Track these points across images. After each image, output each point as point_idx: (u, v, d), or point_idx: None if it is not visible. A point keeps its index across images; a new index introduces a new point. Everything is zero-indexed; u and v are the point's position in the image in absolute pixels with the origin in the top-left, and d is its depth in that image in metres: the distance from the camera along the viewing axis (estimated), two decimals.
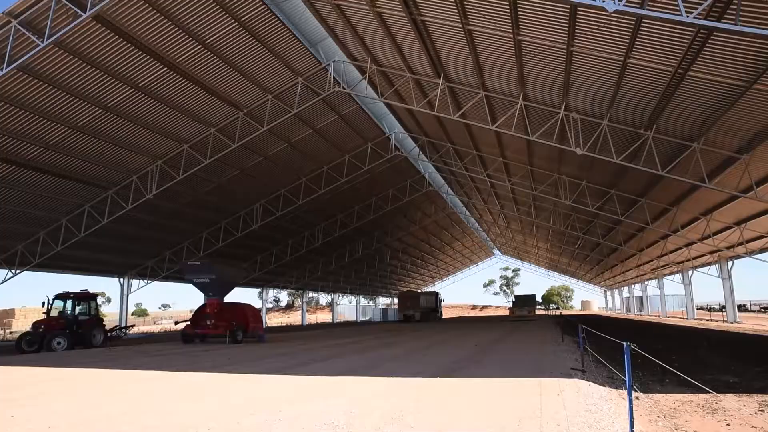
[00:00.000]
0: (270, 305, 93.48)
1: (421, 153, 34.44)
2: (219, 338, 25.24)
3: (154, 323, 75.67)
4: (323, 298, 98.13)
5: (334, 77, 22.69)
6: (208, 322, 25.56)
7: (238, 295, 70.73)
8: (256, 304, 52.24)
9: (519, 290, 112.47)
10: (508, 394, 9.22)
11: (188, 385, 11.21)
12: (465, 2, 14.74)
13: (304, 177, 32.87)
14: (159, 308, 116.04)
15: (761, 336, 24.16)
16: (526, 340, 23.49)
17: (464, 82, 20.35)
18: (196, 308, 29.49)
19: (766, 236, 29.13)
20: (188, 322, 27.22)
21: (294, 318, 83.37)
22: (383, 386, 10.47)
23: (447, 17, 15.85)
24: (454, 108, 21.43)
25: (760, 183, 19.68)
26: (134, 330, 39.66)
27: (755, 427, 7.05)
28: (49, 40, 15.25)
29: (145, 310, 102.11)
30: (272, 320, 78.62)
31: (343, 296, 76.37)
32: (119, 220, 27.04)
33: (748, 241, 29.83)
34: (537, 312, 64.13)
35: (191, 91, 21.55)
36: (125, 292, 37.23)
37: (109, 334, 25.92)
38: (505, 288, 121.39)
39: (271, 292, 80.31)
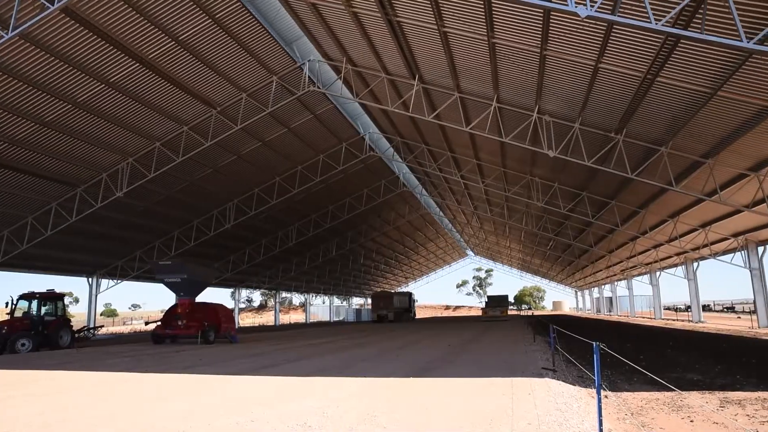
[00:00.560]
0: (242, 305, 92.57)
1: (395, 153, 34.57)
2: (190, 339, 24.90)
3: (124, 324, 74.31)
4: (296, 299, 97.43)
5: (309, 76, 22.59)
6: (180, 323, 25.21)
7: (211, 295, 69.81)
8: (229, 304, 51.84)
9: (492, 291, 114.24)
10: (481, 393, 9.31)
11: (159, 387, 11.02)
12: (440, 4, 14.85)
13: (277, 176, 32.64)
14: (129, 308, 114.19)
15: (724, 335, 24.88)
16: (498, 340, 23.72)
17: (439, 83, 20.48)
18: (167, 308, 29.04)
19: (729, 238, 30.08)
20: (159, 323, 26.78)
21: (267, 318, 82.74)
22: (356, 386, 10.47)
23: (422, 19, 15.93)
24: (428, 109, 21.54)
25: (724, 187, 20.32)
26: (103, 331, 38.83)
27: (717, 423, 7.28)
28: (14, 32, 14.77)
29: (115, 310, 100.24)
30: (245, 320, 77.87)
31: (316, 296, 76.04)
32: (88, 219, 26.43)
33: (712, 243, 30.77)
34: (509, 312, 64.85)
35: (163, 88, 21.20)
36: (94, 292, 36.37)
37: (76, 335, 25.35)
38: (478, 288, 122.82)
39: (244, 292, 79.60)
